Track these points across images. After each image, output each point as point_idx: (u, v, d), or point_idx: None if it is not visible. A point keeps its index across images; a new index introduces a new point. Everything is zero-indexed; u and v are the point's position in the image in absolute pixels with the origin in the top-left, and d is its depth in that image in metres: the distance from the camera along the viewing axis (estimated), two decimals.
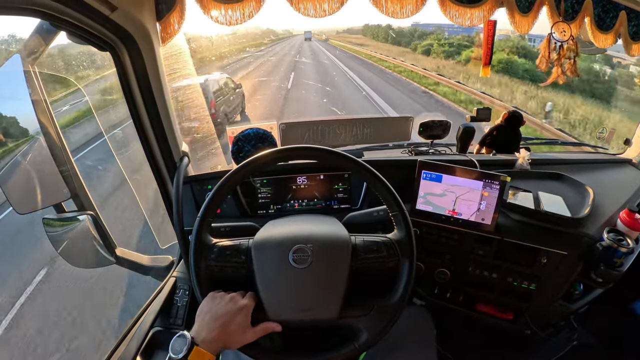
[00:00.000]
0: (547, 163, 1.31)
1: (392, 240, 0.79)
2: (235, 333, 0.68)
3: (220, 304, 0.70)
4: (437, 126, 1.40)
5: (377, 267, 0.77)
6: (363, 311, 0.73)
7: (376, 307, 0.74)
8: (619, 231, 0.98)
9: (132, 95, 0.96)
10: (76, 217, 1.02)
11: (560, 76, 1.19)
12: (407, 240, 0.77)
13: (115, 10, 0.78)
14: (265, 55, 25.65)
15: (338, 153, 0.80)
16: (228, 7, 0.90)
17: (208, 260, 0.75)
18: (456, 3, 1.01)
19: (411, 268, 0.76)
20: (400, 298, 0.75)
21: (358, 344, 0.72)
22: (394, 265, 0.77)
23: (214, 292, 0.74)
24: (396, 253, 0.77)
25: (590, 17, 1.12)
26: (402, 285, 0.75)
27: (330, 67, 18.42)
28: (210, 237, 0.78)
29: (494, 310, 1.13)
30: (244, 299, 0.72)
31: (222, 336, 0.66)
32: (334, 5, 0.94)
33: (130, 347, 0.89)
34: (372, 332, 0.72)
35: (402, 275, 0.76)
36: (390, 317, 0.73)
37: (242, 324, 0.69)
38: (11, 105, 1.00)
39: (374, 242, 0.78)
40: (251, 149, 1.13)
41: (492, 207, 0.99)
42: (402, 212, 0.78)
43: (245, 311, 0.70)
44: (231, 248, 0.77)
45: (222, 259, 0.76)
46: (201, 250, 0.76)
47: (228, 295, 0.72)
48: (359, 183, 1.17)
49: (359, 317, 0.73)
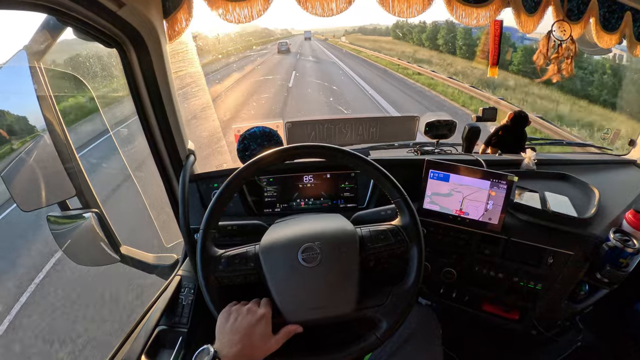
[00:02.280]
0: (552, 163, 1.31)
1: (397, 227, 0.79)
2: (258, 344, 0.67)
3: (238, 318, 0.69)
4: (442, 126, 1.40)
5: (387, 255, 0.77)
6: (379, 301, 0.74)
7: (391, 295, 0.74)
8: (625, 232, 0.98)
9: (138, 93, 0.95)
10: (81, 215, 1.01)
11: (555, 75, 1.19)
12: (413, 225, 0.77)
13: (122, 7, 0.78)
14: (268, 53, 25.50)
15: (340, 149, 0.80)
16: (236, 4, 0.90)
17: (217, 272, 0.74)
18: (463, 3, 1.01)
19: (420, 252, 0.77)
20: (414, 282, 0.75)
21: (379, 333, 0.72)
22: (403, 252, 0.77)
23: (230, 306, 0.73)
24: (404, 239, 0.77)
25: (596, 18, 1.12)
26: (414, 269, 0.76)
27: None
28: (216, 248, 0.77)
29: (499, 310, 1.13)
30: (261, 308, 0.71)
31: (245, 350, 0.65)
32: (341, 4, 0.93)
33: (135, 345, 0.88)
34: (391, 320, 0.72)
35: (413, 259, 0.77)
36: (407, 304, 0.74)
37: (263, 333, 0.68)
38: (16, 102, 0.99)
39: (381, 231, 0.78)
40: (257, 147, 1.12)
41: (499, 207, 0.99)
42: (404, 197, 0.78)
43: (265, 320, 0.69)
44: (239, 256, 0.76)
45: (231, 268, 0.75)
46: (208, 264, 0.74)
47: (244, 308, 0.71)
48: (366, 182, 1.16)
49: (375, 308, 0.73)
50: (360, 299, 0.73)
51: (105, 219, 1.03)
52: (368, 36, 41.68)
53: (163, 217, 1.19)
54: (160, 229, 1.23)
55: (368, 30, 50.44)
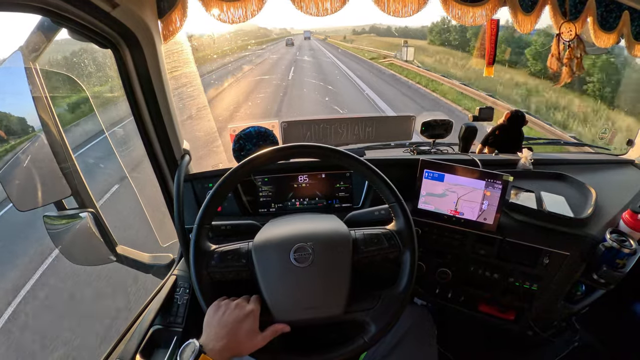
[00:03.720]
0: (549, 163, 1.31)
1: (392, 231, 0.78)
2: (244, 340, 0.67)
3: (226, 312, 0.69)
4: (439, 125, 1.39)
5: (379, 259, 0.77)
6: (369, 305, 0.73)
7: (382, 299, 0.74)
8: (621, 232, 0.98)
9: (133, 93, 0.95)
10: (77, 215, 1.02)
11: (569, 76, 1.19)
12: (407, 230, 0.77)
13: (116, 7, 0.78)
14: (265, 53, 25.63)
15: (335, 150, 0.80)
16: (230, 5, 0.90)
17: (209, 267, 0.75)
18: (459, 2, 1.01)
19: (413, 257, 0.76)
20: (405, 288, 0.75)
21: (367, 337, 0.72)
22: (396, 256, 0.77)
23: (219, 301, 0.73)
24: (397, 244, 0.77)
25: (593, 17, 1.12)
26: (406, 275, 0.76)
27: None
28: (209, 243, 0.77)
29: (495, 310, 1.13)
30: (249, 304, 0.71)
31: (230, 344, 0.65)
32: (335, 4, 0.93)
33: (129, 345, 0.88)
34: (380, 324, 0.72)
35: (405, 265, 0.76)
36: (397, 308, 0.73)
37: (250, 329, 0.68)
38: (12, 103, 1.00)
39: (375, 235, 0.78)
40: (252, 147, 1.12)
41: (494, 206, 0.99)
42: (400, 202, 0.78)
43: (253, 316, 0.69)
44: (232, 252, 0.76)
45: (224, 264, 0.75)
46: (201, 259, 0.75)
47: (233, 302, 0.71)
48: (361, 182, 1.16)
49: (365, 311, 0.73)
50: (351, 302, 0.73)
51: (101, 218, 1.04)
52: (385, 38, 36.62)
53: (159, 216, 1.20)
54: (156, 229, 1.23)
55: (381, 30, 43.46)
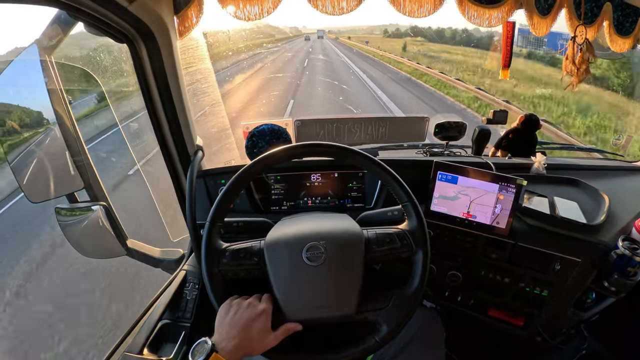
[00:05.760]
0: (562, 168, 1.29)
1: (404, 231, 0.78)
2: (256, 339, 0.67)
3: (238, 311, 0.69)
4: (452, 127, 1.38)
5: (392, 258, 0.77)
6: (380, 304, 0.73)
7: (393, 299, 0.74)
8: (634, 240, 0.96)
9: (148, 88, 0.96)
10: (89, 208, 1.02)
11: (579, 78, 1.18)
12: (420, 230, 0.77)
13: (133, 2, 0.78)
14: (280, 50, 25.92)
15: (348, 149, 0.79)
16: (246, 2, 0.90)
17: (220, 265, 0.74)
18: (475, 3, 1.00)
19: (425, 257, 0.76)
20: (417, 288, 0.75)
21: (379, 337, 0.72)
22: (408, 256, 0.77)
23: (231, 300, 0.73)
24: (410, 243, 0.76)
25: (609, 21, 1.11)
26: (418, 276, 0.75)
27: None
28: (221, 241, 0.77)
29: (504, 315, 1.12)
30: (261, 304, 0.71)
31: (243, 344, 0.65)
32: (352, 3, 0.93)
33: (138, 338, 0.89)
34: (392, 324, 0.72)
35: (417, 265, 0.76)
36: (408, 309, 0.73)
37: (262, 329, 0.68)
38: (27, 95, 1.00)
39: (387, 234, 0.78)
40: (265, 145, 1.12)
41: (507, 210, 0.98)
42: (413, 202, 0.78)
43: (265, 315, 0.69)
44: (244, 250, 0.76)
45: (235, 262, 0.75)
46: (213, 257, 0.75)
47: (245, 301, 0.71)
48: (373, 182, 1.16)
49: (377, 311, 0.73)
50: (362, 301, 0.72)
51: (112, 212, 1.04)
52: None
53: (170, 211, 1.20)
54: (167, 224, 1.24)
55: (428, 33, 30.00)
